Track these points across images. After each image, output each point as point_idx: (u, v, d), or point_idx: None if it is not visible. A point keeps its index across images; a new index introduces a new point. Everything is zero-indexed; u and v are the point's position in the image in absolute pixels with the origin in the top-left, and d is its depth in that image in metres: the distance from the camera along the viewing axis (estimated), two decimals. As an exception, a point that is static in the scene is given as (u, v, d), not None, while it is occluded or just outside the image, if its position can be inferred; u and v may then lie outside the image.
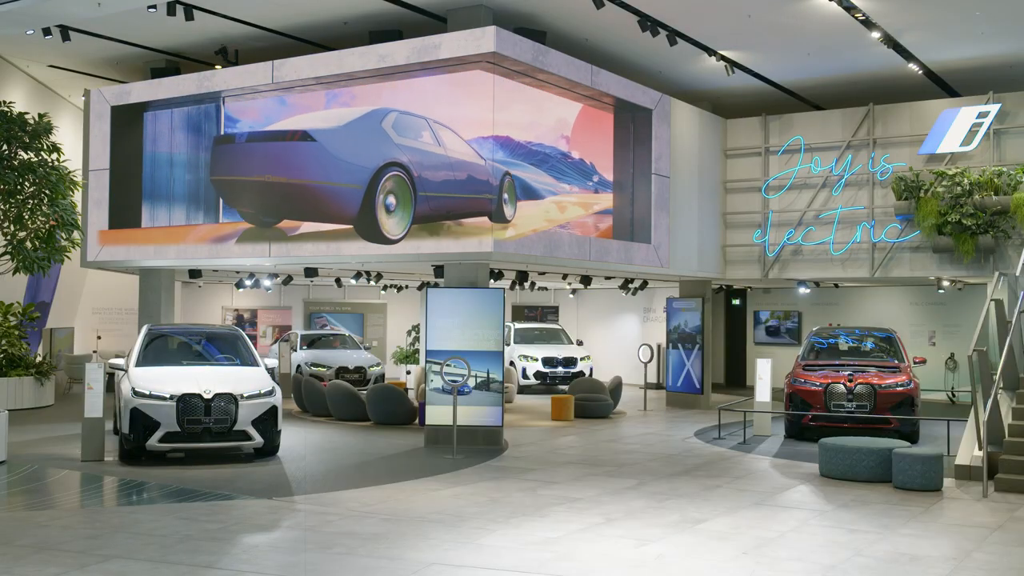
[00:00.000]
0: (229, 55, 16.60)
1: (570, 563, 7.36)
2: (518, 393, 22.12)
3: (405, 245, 13.67)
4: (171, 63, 17.46)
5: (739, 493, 10.39)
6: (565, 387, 21.27)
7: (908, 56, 16.05)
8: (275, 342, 25.08)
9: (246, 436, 11.84)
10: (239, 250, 15.44)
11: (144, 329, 13.59)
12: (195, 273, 19.53)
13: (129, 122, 16.83)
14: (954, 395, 21.51)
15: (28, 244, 14.83)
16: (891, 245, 17.20)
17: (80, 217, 16.20)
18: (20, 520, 8.64)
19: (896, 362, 15.28)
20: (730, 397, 20.77)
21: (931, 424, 15.76)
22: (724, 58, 16.42)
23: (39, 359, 18.75)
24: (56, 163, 15.09)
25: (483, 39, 12.92)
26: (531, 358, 22.80)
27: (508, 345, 23.23)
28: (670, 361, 20.76)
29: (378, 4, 14.17)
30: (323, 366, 21.86)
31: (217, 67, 16.77)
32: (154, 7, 14.23)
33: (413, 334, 24.66)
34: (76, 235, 15.38)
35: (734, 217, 18.98)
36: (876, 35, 14.91)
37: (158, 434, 11.51)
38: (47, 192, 14.78)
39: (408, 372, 22.89)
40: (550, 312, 29.23)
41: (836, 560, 7.56)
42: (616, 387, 19.05)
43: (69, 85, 20.05)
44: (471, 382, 13.48)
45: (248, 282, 21.95)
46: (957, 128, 16.60)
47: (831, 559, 7.59)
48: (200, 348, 13.51)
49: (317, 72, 14.44)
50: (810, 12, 14.12)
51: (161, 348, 13.24)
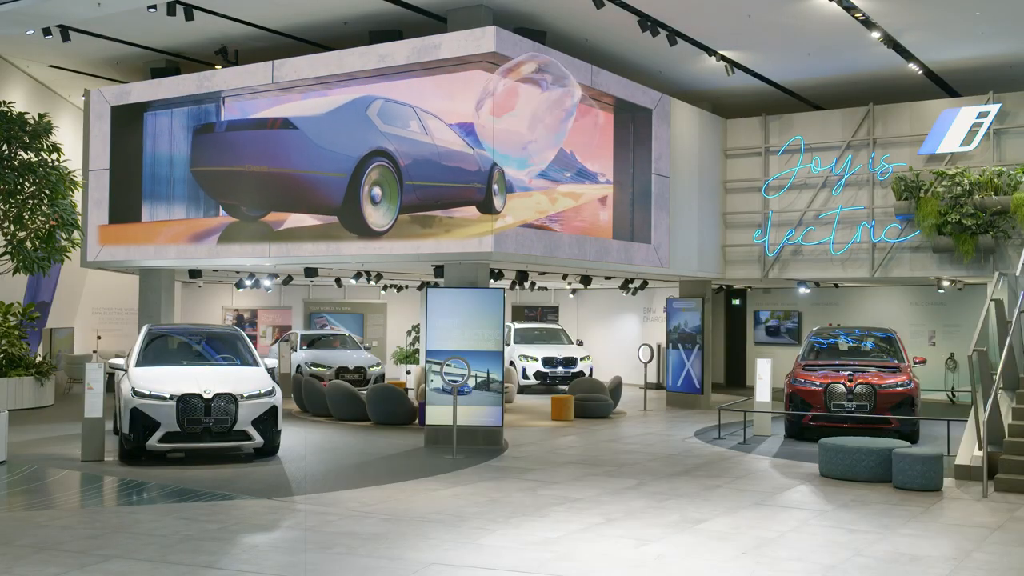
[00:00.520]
0: (229, 55, 16.61)
1: (570, 563, 7.36)
2: (518, 393, 22.11)
3: (405, 245, 13.67)
4: (171, 63, 17.47)
5: (739, 493, 10.39)
6: (565, 387, 21.27)
7: (908, 56, 16.05)
8: (275, 342, 25.08)
9: (246, 436, 11.84)
10: (239, 250, 15.44)
11: (144, 329, 13.59)
12: (195, 273, 19.53)
13: (129, 122, 16.83)
14: (954, 395, 21.51)
15: (28, 244, 14.83)
16: (891, 245, 17.20)
17: (80, 217, 16.20)
18: (20, 520, 8.64)
19: (896, 362, 15.28)
20: (730, 397, 20.77)
21: (931, 424, 15.76)
22: (724, 58, 16.42)
23: (39, 359, 18.75)
24: (56, 163, 15.09)
25: (483, 39, 12.93)
26: (531, 358, 22.80)
27: (508, 345, 23.23)
28: (670, 361, 20.76)
29: (378, 4, 14.17)
30: (323, 366, 21.86)
31: (217, 67, 16.77)
32: (154, 7, 14.23)
33: (413, 334, 24.66)
34: (76, 235, 15.38)
35: (734, 217, 18.99)
36: (876, 35, 14.91)
37: (158, 434, 11.51)
38: (47, 192, 14.78)
39: (408, 372, 22.89)
40: (550, 312, 29.23)
41: (836, 560, 7.56)
42: (616, 387, 19.05)
43: (69, 85, 20.05)
44: (471, 382, 13.48)
45: (248, 282, 21.95)
46: (957, 128, 16.60)
47: (831, 559, 7.59)
48: (200, 348, 13.51)
49: (317, 72, 14.45)
50: (810, 12, 14.12)
51: (161, 348, 13.24)
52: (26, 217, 14.72)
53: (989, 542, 8.25)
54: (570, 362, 22.90)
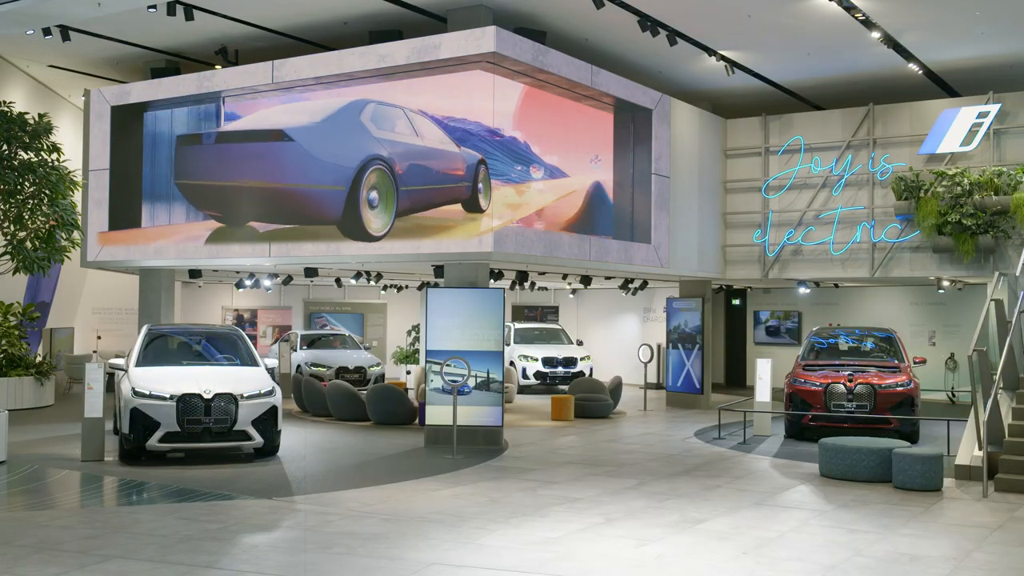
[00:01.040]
0: (229, 55, 16.61)
1: (570, 563, 7.36)
2: (518, 393, 22.11)
3: (405, 245, 13.67)
4: (171, 63, 17.47)
5: (739, 493, 10.39)
6: (565, 387, 21.26)
7: (908, 56, 16.05)
8: (275, 342, 25.08)
9: (246, 436, 11.84)
10: (239, 250, 15.44)
11: (144, 329, 13.59)
12: (195, 273, 19.53)
13: (129, 122, 16.83)
14: (954, 395, 21.51)
15: (28, 244, 14.83)
16: (891, 245, 17.20)
17: (80, 217, 16.21)
18: (20, 520, 8.64)
19: (896, 362, 15.28)
20: (730, 397, 20.77)
21: (931, 424, 15.76)
22: (724, 58, 16.42)
23: (39, 359, 18.76)
24: (56, 163, 15.09)
25: (483, 39, 12.92)
26: (531, 358, 22.80)
27: (508, 345, 23.23)
28: (670, 361, 20.76)
29: (378, 4, 14.17)
30: (323, 366, 21.86)
31: (217, 67, 16.77)
32: (154, 7, 14.23)
33: (413, 334, 24.66)
34: (76, 235, 15.39)
35: (734, 217, 18.99)
36: (876, 35, 14.91)
37: (158, 434, 11.51)
38: (47, 192, 14.79)
39: (408, 372, 22.89)
40: (550, 312, 29.23)
41: (836, 560, 7.56)
42: (616, 387, 19.05)
43: (69, 85, 20.05)
44: (471, 382, 13.48)
45: (248, 282, 21.95)
46: (957, 128, 16.60)
47: (831, 559, 7.59)
48: (200, 348, 13.51)
49: (317, 72, 14.44)
50: (810, 12, 14.12)
51: (161, 348, 13.24)
52: (26, 217, 14.72)
53: (989, 542, 8.25)
54: (570, 362, 22.90)
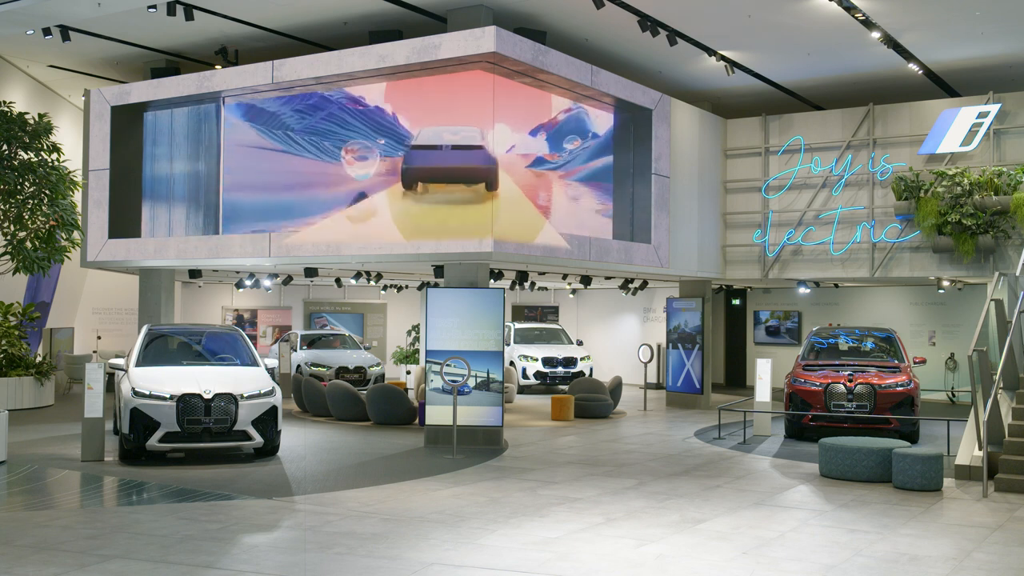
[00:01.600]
0: (229, 55, 16.61)
1: (570, 563, 7.36)
2: (518, 393, 22.12)
3: (405, 245, 13.67)
4: (171, 63, 17.47)
5: (739, 493, 10.39)
6: (565, 387, 21.27)
7: (908, 56, 16.05)
8: (275, 342, 25.09)
9: (246, 436, 11.84)
10: (239, 250, 15.44)
11: (144, 329, 13.59)
12: (195, 273, 19.53)
13: (129, 122, 16.83)
14: (954, 395, 21.51)
15: (28, 244, 14.82)
16: (891, 245, 17.20)
17: (80, 217, 16.20)
18: (20, 520, 8.64)
19: (896, 362, 15.28)
20: (730, 397, 20.78)
21: (931, 424, 15.77)
22: (724, 58, 16.42)
23: (39, 359, 18.75)
24: (56, 163, 15.08)
25: (483, 39, 12.92)
26: (531, 358, 22.80)
27: (508, 345, 23.23)
28: (670, 361, 20.76)
29: (378, 4, 14.17)
30: (323, 366, 21.86)
31: (217, 67, 16.77)
32: (154, 7, 14.23)
33: (413, 334, 24.67)
34: (76, 235, 15.38)
35: (734, 217, 18.99)
36: (876, 35, 14.91)
37: (158, 434, 11.51)
38: (47, 192, 14.76)
39: (408, 372, 22.89)
40: (550, 312, 29.24)
41: (836, 560, 7.56)
42: (616, 387, 19.05)
43: (69, 85, 20.06)
44: (471, 382, 13.48)
45: (248, 282, 21.95)
46: (957, 128, 16.61)
47: (831, 559, 7.59)
48: (200, 348, 13.51)
49: (317, 72, 14.44)
50: (810, 12, 14.13)
51: (161, 348, 13.24)
52: (26, 217, 14.70)
53: (989, 542, 8.25)
54: (570, 362, 22.89)
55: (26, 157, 14.88)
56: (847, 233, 17.67)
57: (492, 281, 19.77)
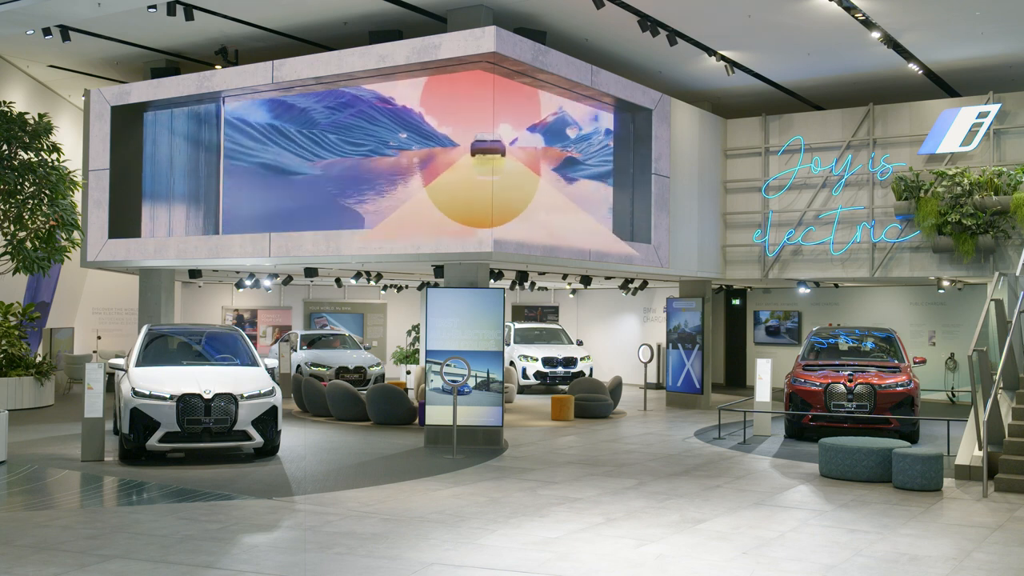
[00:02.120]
0: (229, 55, 16.61)
1: (570, 563, 7.36)
2: (518, 393, 22.12)
3: (405, 244, 13.67)
4: (171, 63, 17.47)
5: (739, 493, 10.39)
6: (565, 387, 21.27)
7: (908, 56, 16.05)
8: (275, 342, 25.09)
9: (246, 436, 11.84)
10: (239, 250, 15.44)
11: (144, 329, 13.59)
12: (195, 273, 19.53)
13: (129, 122, 16.83)
14: (954, 395, 21.51)
15: (28, 244, 14.82)
16: (891, 245, 17.20)
17: (80, 217, 16.20)
18: (20, 520, 8.64)
19: (896, 362, 15.28)
20: (730, 397, 20.78)
21: (931, 424, 15.77)
22: (724, 58, 16.42)
23: (39, 359, 18.75)
24: (56, 163, 15.08)
25: (483, 39, 12.92)
26: (531, 358, 22.80)
27: (508, 345, 23.23)
28: (670, 361, 20.77)
29: (378, 4, 14.17)
30: (323, 366, 21.86)
31: (217, 67, 16.77)
32: (154, 7, 14.23)
33: (413, 334, 24.67)
34: (76, 235, 15.38)
35: (734, 217, 18.99)
36: (876, 35, 14.91)
37: (158, 434, 11.51)
38: (47, 192, 14.77)
39: (408, 372, 22.89)
40: (550, 312, 29.23)
41: (836, 560, 7.56)
42: (616, 387, 19.05)
43: (69, 85, 20.06)
44: (471, 382, 13.48)
45: (248, 282, 21.95)
46: (957, 128, 16.61)
47: (831, 559, 7.59)
48: (200, 348, 13.51)
49: (317, 72, 14.44)
50: (810, 12, 14.13)
51: (161, 348, 13.24)
52: (26, 217, 14.70)
53: (989, 542, 8.25)
54: (570, 362, 22.89)
55: (26, 157, 14.88)
56: (847, 233, 17.67)
57: (492, 281, 19.77)
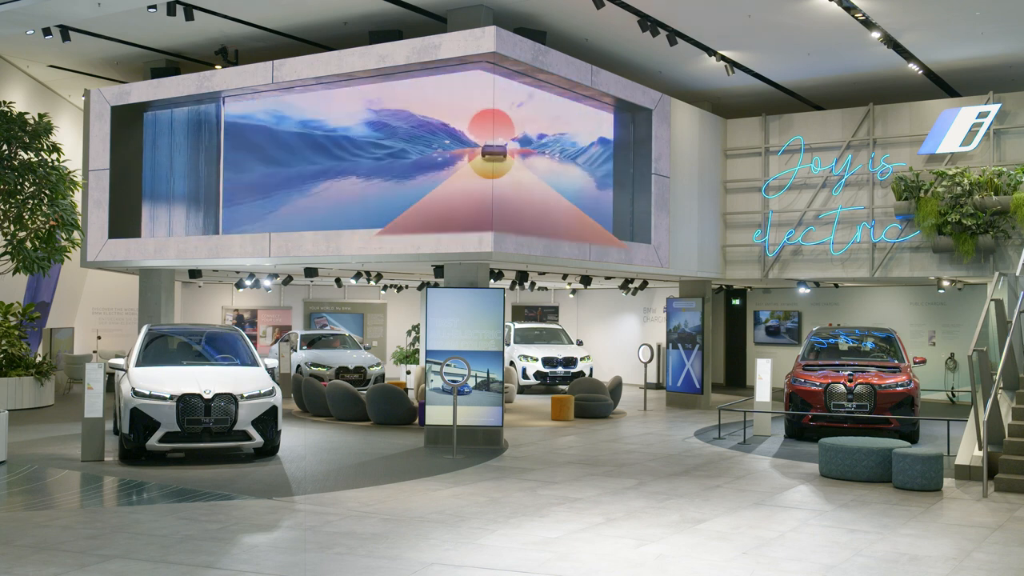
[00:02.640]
0: (229, 55, 16.60)
1: (570, 563, 7.36)
2: (518, 393, 22.12)
3: (405, 244, 13.67)
4: (171, 63, 17.47)
5: (739, 493, 10.39)
6: (565, 387, 21.27)
7: (908, 56, 16.05)
8: (275, 342, 25.09)
9: (246, 436, 11.84)
10: (239, 250, 15.44)
11: (144, 329, 13.59)
12: (195, 273, 19.53)
13: (129, 122, 16.83)
14: (954, 395, 21.51)
15: (28, 244, 14.82)
16: (891, 245, 17.20)
17: (80, 217, 16.20)
18: (20, 520, 8.64)
19: (896, 362, 15.28)
20: (730, 397, 20.78)
21: (931, 424, 15.77)
22: (724, 58, 16.42)
23: (39, 359, 18.75)
24: (56, 163, 15.08)
25: (483, 39, 12.91)
26: (531, 358, 22.80)
27: (508, 345, 23.23)
28: (670, 361, 20.77)
29: (378, 4, 14.17)
30: (323, 366, 21.86)
31: (217, 67, 16.77)
32: (154, 7, 14.23)
33: (413, 334, 24.67)
34: (76, 235, 15.39)
35: (734, 217, 18.99)
36: (876, 35, 14.91)
37: (158, 434, 11.51)
38: (47, 192, 14.77)
39: (408, 372, 22.89)
40: (550, 312, 29.24)
41: (836, 560, 7.56)
42: (616, 387, 19.05)
43: (69, 85, 20.06)
44: (471, 382, 13.48)
45: (248, 282, 21.96)
46: (957, 128, 16.61)
47: (831, 559, 7.59)
48: (200, 348, 13.51)
49: (317, 72, 14.44)
50: (810, 12, 14.13)
51: (161, 348, 13.24)
52: (26, 217, 14.70)
53: (989, 542, 8.25)
54: (570, 362, 22.90)
55: (26, 157, 14.88)
56: (847, 233, 17.67)
57: (492, 281, 19.77)
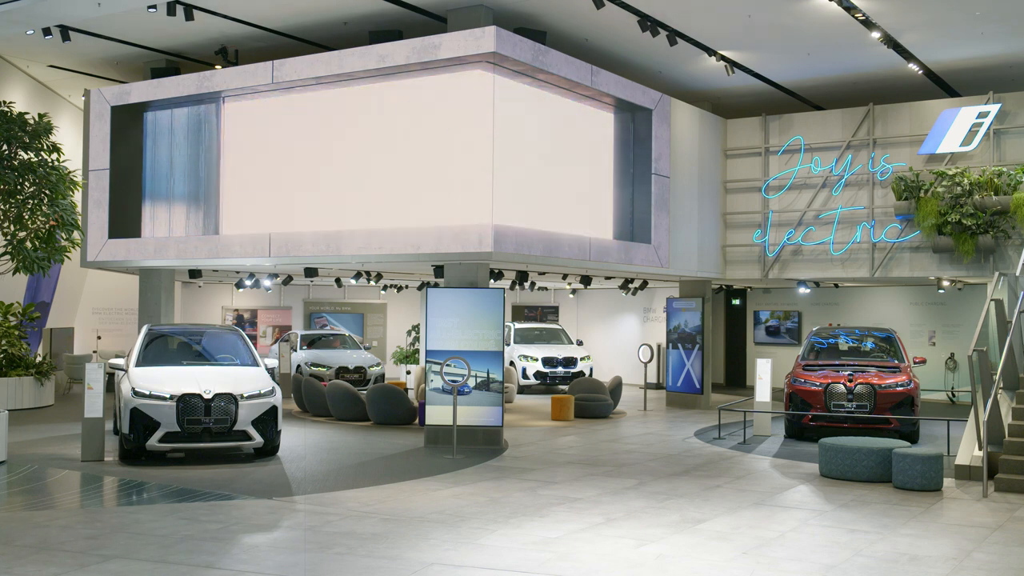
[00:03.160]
0: (229, 55, 16.60)
1: (570, 563, 7.36)
2: (518, 393, 22.12)
3: (405, 244, 13.67)
4: (171, 63, 17.46)
5: (739, 493, 10.39)
6: (565, 387, 21.26)
7: (908, 56, 16.05)
8: (275, 342, 25.08)
9: (246, 436, 11.84)
10: (239, 250, 15.44)
11: (144, 329, 13.59)
12: (195, 273, 19.53)
13: (129, 122, 16.83)
14: (954, 395, 21.51)
15: (28, 244, 14.82)
16: (891, 245, 17.20)
17: (80, 217, 16.19)
18: (20, 520, 8.64)
19: (896, 362, 15.28)
20: (730, 397, 20.78)
21: (931, 424, 15.78)
22: (724, 58, 16.42)
23: (39, 359, 18.75)
24: (56, 163, 15.08)
25: (483, 39, 12.91)
26: (531, 358, 22.80)
27: (508, 345, 23.23)
28: (670, 361, 20.77)
29: (378, 4, 14.17)
30: (323, 366, 21.86)
31: (217, 67, 16.77)
32: (154, 7, 14.23)
33: (413, 334, 24.67)
34: (76, 235, 15.39)
35: (734, 217, 18.99)
36: (876, 35, 14.91)
37: (158, 434, 11.51)
38: (47, 192, 14.76)
39: (408, 372, 22.89)
40: (550, 312, 29.23)
41: (836, 560, 7.56)
42: (616, 387, 19.05)
43: (69, 85, 20.06)
44: (471, 382, 13.48)
45: (248, 282, 21.95)
46: (957, 128, 16.61)
47: (831, 559, 7.59)
48: (200, 348, 13.51)
49: (317, 72, 14.43)
50: (810, 12, 14.12)
51: (161, 348, 13.25)
52: (26, 217, 14.70)
53: (989, 542, 8.25)
54: (570, 362, 22.90)
55: (26, 157, 14.87)
56: (847, 233, 17.67)
57: (492, 281, 19.77)
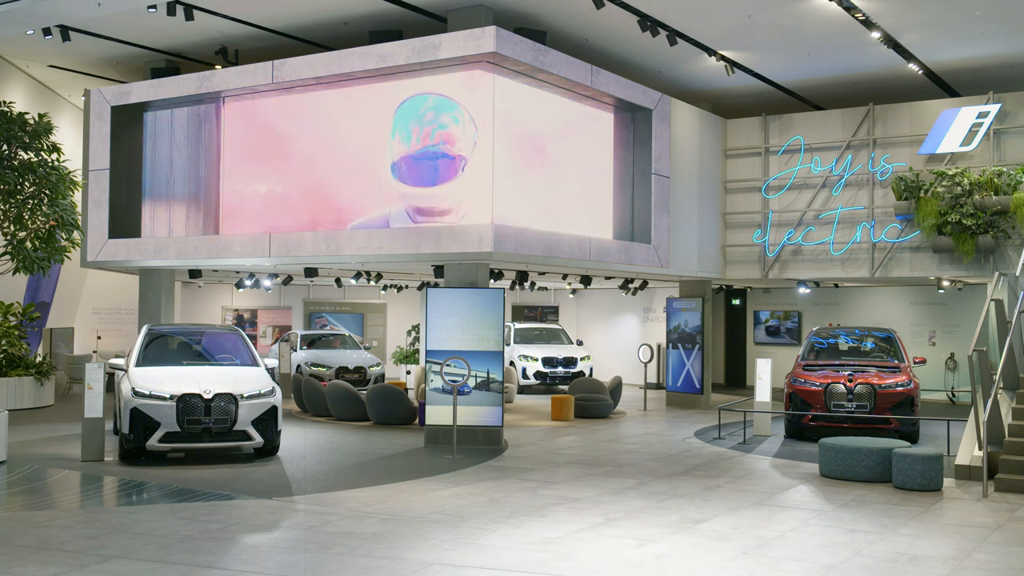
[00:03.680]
0: (229, 55, 16.60)
1: (570, 563, 7.36)
2: (518, 393, 22.12)
3: (405, 244, 13.67)
4: (171, 63, 17.46)
5: (739, 493, 10.39)
6: (565, 387, 21.26)
7: (908, 56, 16.05)
8: (275, 342, 25.09)
9: (246, 436, 11.84)
10: (239, 250, 15.44)
11: (144, 329, 13.59)
12: (195, 273, 19.53)
13: (129, 122, 16.83)
14: (954, 395, 21.51)
15: (28, 244, 14.82)
16: (891, 245, 17.20)
17: (80, 217, 16.19)
18: (20, 520, 8.64)
19: (896, 362, 15.28)
20: (730, 397, 20.78)
21: (931, 424, 15.77)
22: (724, 58, 16.42)
23: (39, 359, 18.75)
24: (56, 163, 15.08)
25: (483, 39, 12.91)
26: (531, 358, 22.80)
27: (508, 345, 23.23)
28: (670, 361, 20.76)
29: (378, 4, 14.17)
30: (323, 366, 21.86)
31: (217, 67, 16.77)
32: (154, 7, 14.23)
33: (413, 334, 24.67)
34: (76, 235, 15.39)
35: (734, 217, 18.99)
36: (876, 35, 14.91)
37: (158, 434, 11.51)
38: (47, 192, 14.77)
39: (408, 372, 22.89)
40: (550, 312, 29.23)
41: (836, 560, 7.56)
42: (616, 387, 19.05)
43: (69, 85, 20.06)
44: (471, 382, 13.47)
45: (248, 282, 21.95)
46: (957, 128, 16.61)
47: (831, 559, 7.59)
48: (200, 348, 13.51)
49: (317, 72, 14.44)
50: (810, 12, 14.13)
51: (161, 348, 13.25)
52: (26, 217, 14.70)
53: (989, 542, 8.25)
54: (570, 362, 22.89)
55: (26, 157, 14.87)
56: (847, 233, 17.67)
57: (492, 281, 19.77)
